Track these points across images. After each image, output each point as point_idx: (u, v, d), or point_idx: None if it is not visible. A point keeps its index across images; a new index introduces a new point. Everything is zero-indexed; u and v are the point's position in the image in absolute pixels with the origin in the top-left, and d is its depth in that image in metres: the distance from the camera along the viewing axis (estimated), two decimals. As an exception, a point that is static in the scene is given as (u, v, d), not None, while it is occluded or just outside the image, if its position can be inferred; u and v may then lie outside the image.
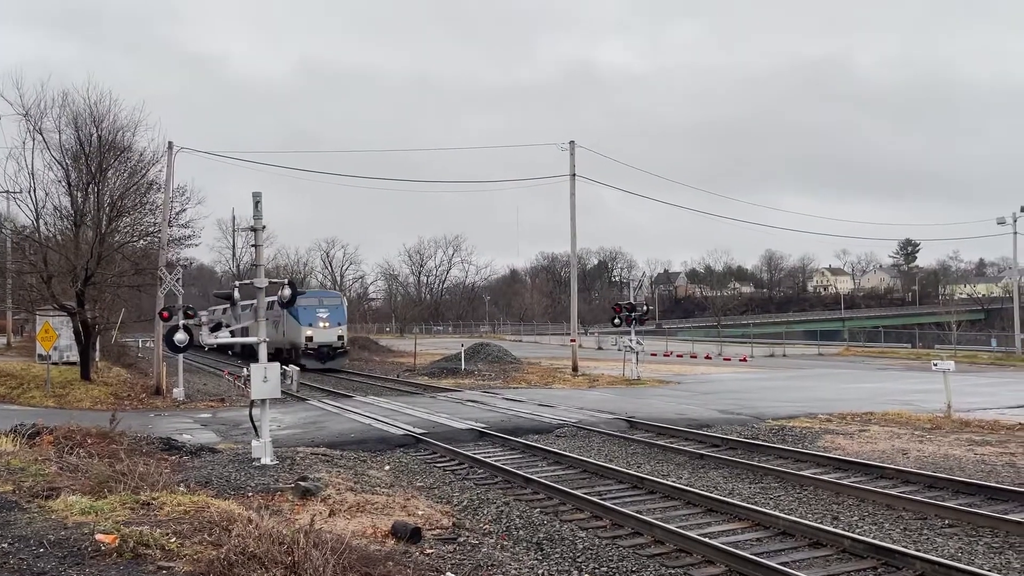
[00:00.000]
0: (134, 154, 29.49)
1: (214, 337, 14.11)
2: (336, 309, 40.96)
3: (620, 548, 9.24)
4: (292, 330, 39.94)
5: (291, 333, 40.10)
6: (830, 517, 10.52)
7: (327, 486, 11.33)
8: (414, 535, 8.97)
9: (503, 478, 13.22)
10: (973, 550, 8.97)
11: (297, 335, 39.54)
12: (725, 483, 12.73)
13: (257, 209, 13.69)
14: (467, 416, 20.31)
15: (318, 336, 39.52)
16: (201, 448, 15.12)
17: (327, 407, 23.29)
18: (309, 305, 39.81)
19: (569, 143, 35.95)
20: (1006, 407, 22.07)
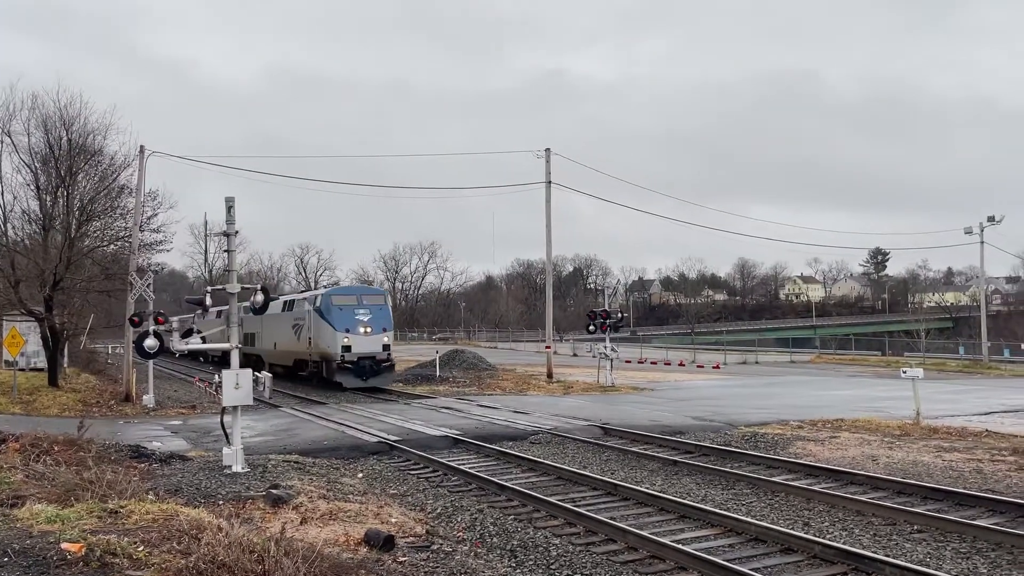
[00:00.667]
0: (105, 158, 29.18)
1: (185, 343, 13.94)
2: (380, 310, 31.94)
3: (594, 555, 9.24)
4: (322, 337, 31.13)
5: (321, 341, 31.29)
6: (801, 523, 10.61)
7: (299, 494, 11.22)
8: (387, 543, 8.92)
9: (477, 485, 13.18)
10: (941, 555, 9.08)
11: (329, 344, 30.62)
12: (698, 489, 12.79)
13: (230, 214, 13.56)
14: (442, 423, 20.23)
15: (358, 345, 30.37)
16: (171, 456, 14.93)
17: (300, 414, 23.10)
18: (345, 304, 31.23)
19: (545, 150, 36.03)
20: (973, 414, 22.41)
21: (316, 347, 31.84)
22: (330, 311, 30.90)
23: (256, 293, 13.90)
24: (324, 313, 31.18)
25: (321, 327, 31.31)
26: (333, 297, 31.88)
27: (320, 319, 31.33)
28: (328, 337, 30.75)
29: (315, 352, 32.06)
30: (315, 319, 31.73)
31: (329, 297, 31.82)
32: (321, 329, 31.28)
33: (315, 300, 32.50)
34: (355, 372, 30.16)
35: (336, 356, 30.20)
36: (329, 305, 31.17)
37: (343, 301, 31.57)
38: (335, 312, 30.83)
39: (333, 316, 30.73)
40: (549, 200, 36.26)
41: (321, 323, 31.33)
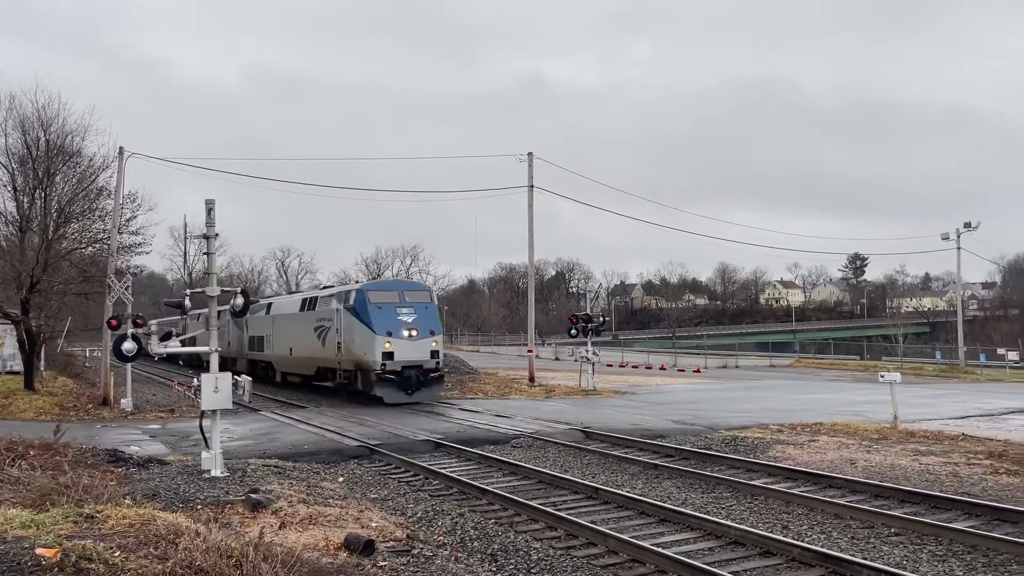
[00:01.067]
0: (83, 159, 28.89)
1: (163, 346, 13.82)
2: (426, 309, 26.87)
3: (575, 559, 9.25)
4: (357, 342, 26.09)
5: (355, 346, 26.19)
6: (780, 526, 10.68)
7: (279, 498, 11.15)
8: (367, 547, 8.88)
9: (459, 489, 13.16)
10: (918, 558, 9.17)
11: (366, 350, 25.55)
12: (679, 493, 12.84)
13: (210, 216, 13.47)
14: (423, 427, 20.18)
15: (403, 351, 25.36)
16: (149, 460, 14.78)
17: (280, 418, 22.95)
18: (385, 303, 26.07)
19: (527, 155, 36.08)
20: (949, 418, 22.66)
21: (348, 353, 26.63)
22: (367, 310, 25.66)
23: (236, 296, 13.81)
24: (359, 312, 25.94)
25: (355, 330, 26.15)
26: (370, 293, 26.42)
27: (354, 320, 26.17)
28: (365, 342, 25.65)
29: (346, 359, 26.86)
30: (347, 320, 26.62)
31: (365, 293, 26.44)
32: (355, 332, 26.16)
33: (346, 297, 27.32)
34: (399, 384, 25.18)
35: (375, 365, 25.15)
36: (365, 303, 25.89)
37: (382, 298, 26.33)
38: (373, 311, 25.57)
39: (371, 316, 25.46)
40: (531, 204, 36.35)
41: (355, 325, 26.14)
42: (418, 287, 31.02)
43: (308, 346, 30.29)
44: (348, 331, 26.58)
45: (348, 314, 26.65)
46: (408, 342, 25.54)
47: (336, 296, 28.54)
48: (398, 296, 26.70)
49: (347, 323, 26.69)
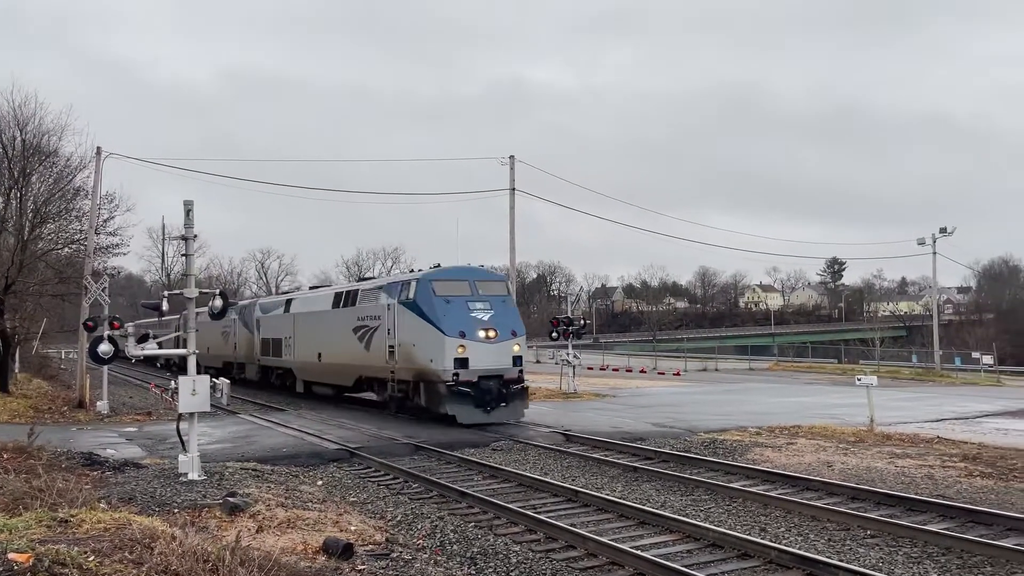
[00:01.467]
0: (60, 159, 28.60)
1: (140, 348, 13.69)
2: (504, 304, 21.91)
3: (554, 562, 9.26)
4: (420, 345, 21.05)
5: (417, 351, 21.15)
6: (758, 528, 10.74)
7: (257, 502, 11.08)
8: (346, 551, 8.84)
9: (438, 492, 13.13)
10: (893, 559, 9.26)
11: (433, 355, 20.48)
12: (658, 495, 12.89)
13: (188, 218, 13.37)
14: (403, 429, 20.12)
15: (479, 357, 20.46)
16: (125, 463, 14.63)
17: (259, 421, 22.80)
18: (455, 296, 21.10)
19: (510, 158, 36.06)
20: (925, 421, 22.91)
21: (406, 360, 21.57)
22: (432, 305, 20.75)
23: (215, 298, 13.70)
24: (422, 308, 20.96)
25: (417, 330, 21.11)
26: (436, 284, 21.30)
27: (414, 318, 21.21)
28: (430, 345, 20.58)
29: (403, 367, 21.74)
30: (403, 318, 21.71)
31: (429, 284, 21.36)
32: (417, 333, 21.16)
33: (402, 289, 22.18)
34: (475, 399, 20.20)
35: (444, 374, 20.12)
36: (430, 296, 20.99)
37: (450, 290, 21.25)
38: (440, 307, 20.66)
39: (439, 313, 20.54)
40: (513, 207, 36.33)
41: (416, 324, 21.13)
42: (492, 276, 23.75)
43: (345, 351, 25.11)
44: (406, 332, 21.58)
45: (405, 310, 21.60)
46: (485, 345, 20.51)
47: (387, 288, 23.54)
48: (469, 287, 21.46)
49: (404, 322, 21.66)
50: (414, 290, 21.64)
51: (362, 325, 24.18)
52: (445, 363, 20.18)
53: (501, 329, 20.98)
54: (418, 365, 21.18)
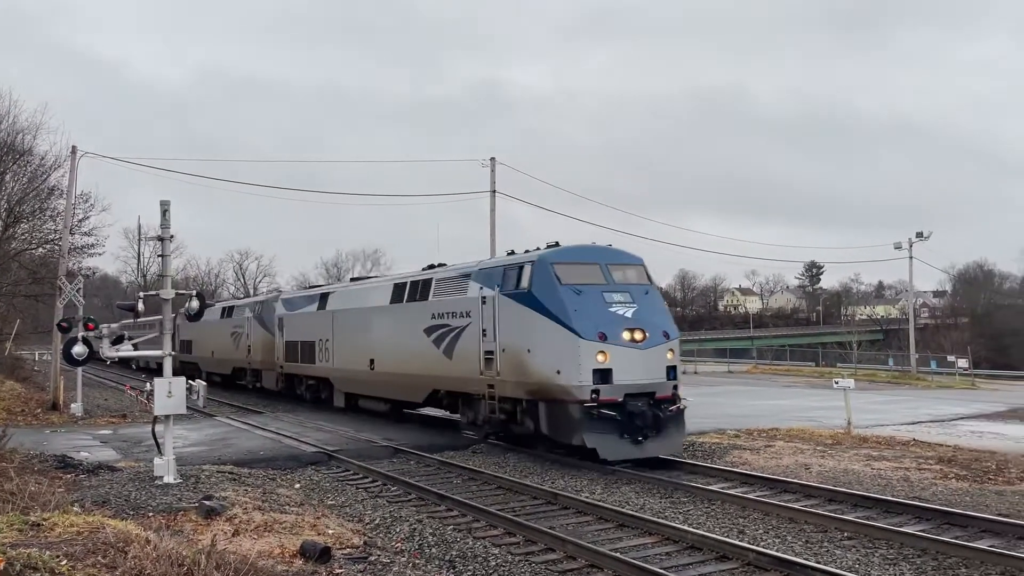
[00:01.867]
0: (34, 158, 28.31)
1: (115, 350, 13.53)
2: (647, 296, 16.58)
3: (533, 564, 9.24)
4: (540, 350, 15.69)
5: (534, 358, 15.82)
6: (736, 531, 10.78)
7: (233, 505, 10.97)
8: (323, 555, 8.78)
9: (417, 495, 13.08)
10: (870, 561, 9.33)
11: (562, 363, 15.25)
12: (637, 498, 12.90)
13: (165, 218, 13.23)
14: (382, 432, 20.02)
15: (625, 367, 15.26)
16: (99, 466, 14.46)
17: (236, 423, 22.61)
18: (585, 284, 15.82)
19: (490, 159, 36.08)
20: (901, 424, 23.15)
21: (516, 370, 15.97)
22: (558, 296, 15.27)
23: (191, 299, 13.57)
24: (542, 300, 15.45)
25: (535, 330, 15.55)
26: (559, 267, 15.80)
27: (531, 313, 15.74)
28: (558, 350, 15.11)
29: (511, 380, 16.18)
30: (511, 313, 16.19)
31: (550, 268, 15.77)
32: (535, 333, 15.64)
33: (507, 275, 16.70)
34: (621, 426, 14.88)
35: (579, 391, 14.74)
36: (552, 283, 15.50)
37: (578, 276, 15.75)
38: (569, 299, 15.22)
39: (567, 307, 15.12)
40: (494, 208, 36.32)
41: (534, 321, 15.54)
42: (628, 258, 17.15)
43: (413, 357, 19.72)
44: (515, 333, 16.00)
45: (514, 304, 16.05)
46: (633, 351, 15.12)
47: (479, 275, 17.67)
48: (601, 273, 15.98)
49: (512, 319, 16.07)
50: (529, 276, 15.91)
51: (440, 325, 18.63)
52: (580, 375, 14.67)
53: (651, 330, 15.52)
54: (535, 378, 15.50)
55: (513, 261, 17.19)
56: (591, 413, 14.72)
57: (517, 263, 16.83)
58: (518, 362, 16.14)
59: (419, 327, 19.50)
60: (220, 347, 34.49)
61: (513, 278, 16.64)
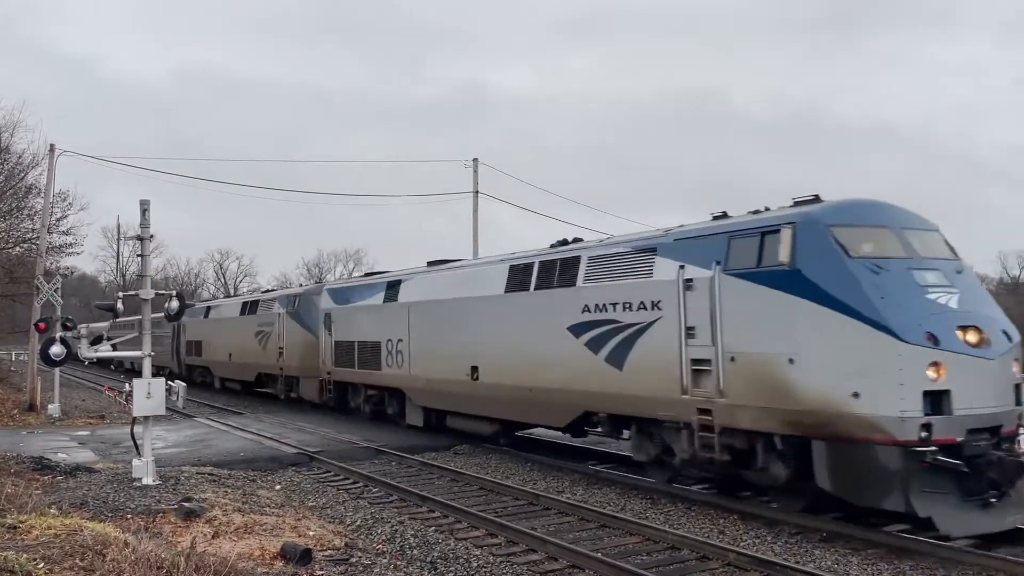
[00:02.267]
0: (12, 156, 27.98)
1: (94, 351, 13.41)
2: (965, 277, 10.96)
3: (515, 565, 9.25)
4: (818, 359, 10.18)
5: (805, 371, 10.26)
6: (717, 531, 10.84)
7: (213, 507, 10.90)
8: (304, 557, 8.75)
9: (399, 496, 13.05)
10: (848, 561, 9.40)
11: (865, 382, 9.69)
12: (618, 499, 12.94)
13: (144, 217, 13.13)
14: (363, 433, 19.96)
15: (964, 387, 9.60)
16: (77, 468, 14.32)
17: (216, 424, 22.46)
18: (884, 258, 10.30)
19: (473, 160, 36.09)
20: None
21: (763, 389, 10.86)
22: (846, 273, 10.15)
23: (171, 299, 13.47)
24: (816, 280, 10.30)
25: (808, 325, 10.35)
26: (840, 231, 10.58)
27: (795, 300, 10.62)
28: (853, 358, 9.94)
29: (756, 405, 10.99)
30: (750, 300, 11.22)
31: (825, 231, 10.60)
32: (806, 332, 10.50)
33: (743, 243, 11.50)
34: (964, 481, 9.71)
35: (901, 424, 9.48)
36: (835, 254, 10.35)
37: (871, 246, 10.63)
38: (867, 278, 10.07)
39: (866, 290, 10.00)
40: (476, 209, 36.33)
41: (807, 312, 10.33)
42: (923, 221, 11.80)
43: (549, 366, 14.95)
44: (762, 332, 10.97)
45: (760, 289, 11.03)
46: (977, 362, 9.97)
47: (679, 247, 12.57)
48: (898, 242, 10.89)
49: (754, 311, 11.10)
50: (790, 245, 10.88)
51: (599, 321, 13.65)
52: (902, 401, 9.58)
53: (988, 328, 10.28)
54: (807, 404, 10.35)
55: (747, 225, 11.74)
56: (919, 462, 9.54)
57: (759, 227, 11.44)
58: (766, 377, 10.87)
59: (560, 324, 14.55)
60: (240, 349, 29.91)
61: (752, 249, 11.39)
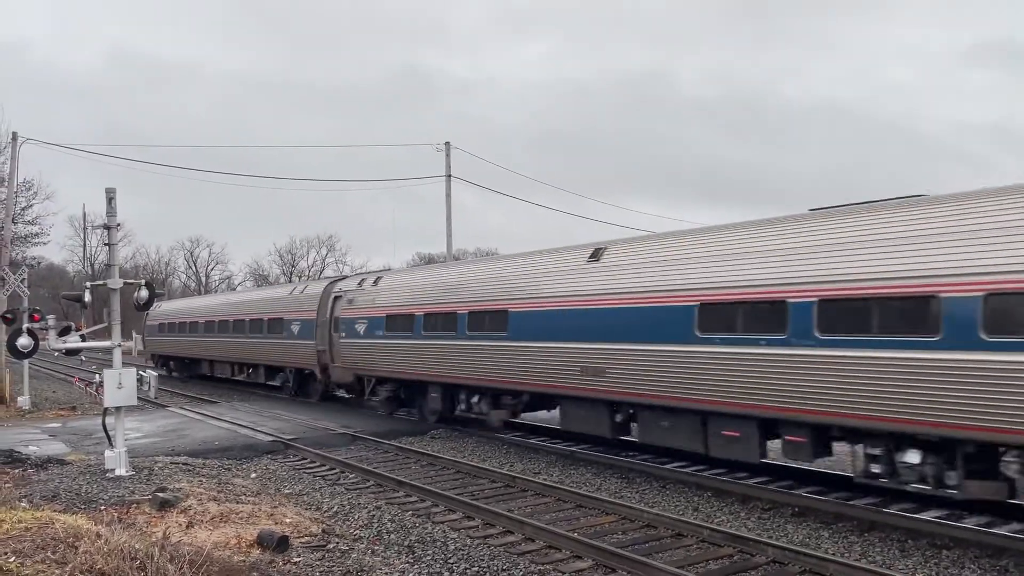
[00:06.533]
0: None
1: (63, 342, 13.22)
2: None
3: (492, 547, 9.30)
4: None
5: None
6: (692, 508, 10.97)
7: (188, 496, 10.83)
8: (281, 544, 8.73)
9: (375, 482, 13.05)
10: (820, 536, 9.57)
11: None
12: (594, 479, 13.04)
13: (111, 206, 12.93)
14: (339, 419, 19.90)
15: None
16: (48, 460, 14.13)
17: (190, 414, 22.26)
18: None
19: (445, 144, 35.95)
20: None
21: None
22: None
23: (140, 289, 13.28)
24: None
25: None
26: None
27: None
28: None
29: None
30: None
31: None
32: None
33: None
34: None
35: None
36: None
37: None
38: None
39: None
40: (449, 193, 36.21)
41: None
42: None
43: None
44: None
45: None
46: None
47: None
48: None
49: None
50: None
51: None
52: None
53: None
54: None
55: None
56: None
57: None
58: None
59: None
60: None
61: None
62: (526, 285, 15.21)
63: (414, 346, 18.24)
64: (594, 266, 13.87)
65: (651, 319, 12.28)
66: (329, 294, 22.80)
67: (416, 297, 18.73)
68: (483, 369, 16.00)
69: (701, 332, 11.49)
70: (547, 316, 14.36)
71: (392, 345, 19.14)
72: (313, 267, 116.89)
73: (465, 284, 17.26)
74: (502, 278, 16.19)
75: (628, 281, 12.96)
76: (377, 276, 21.62)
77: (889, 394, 9.16)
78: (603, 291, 13.32)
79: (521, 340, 14.90)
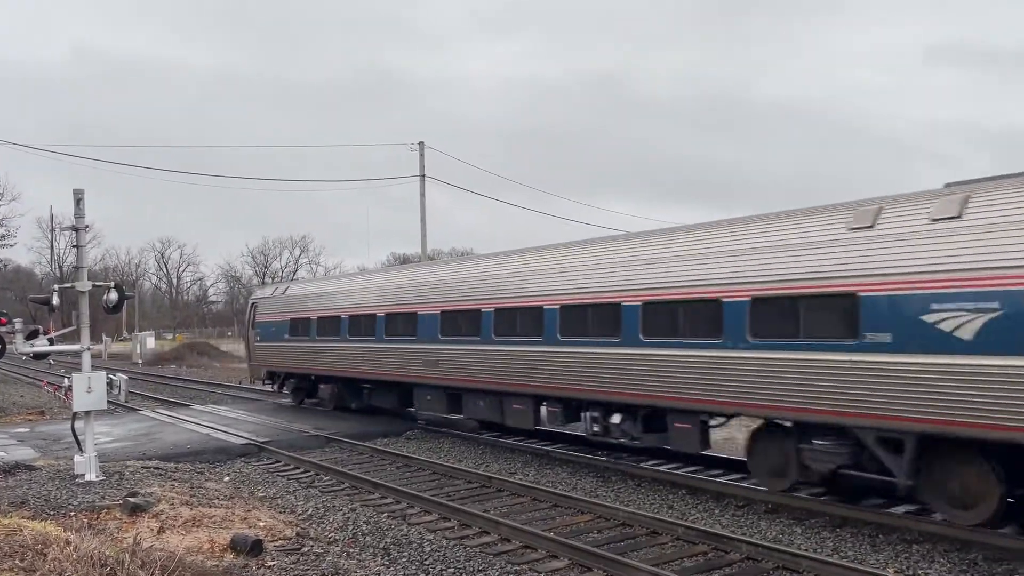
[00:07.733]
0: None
1: (30, 345, 13.00)
2: None
3: (468, 548, 9.29)
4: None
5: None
6: (666, 507, 11.04)
7: (160, 501, 10.70)
8: (255, 547, 8.66)
9: (350, 484, 12.98)
10: (792, 531, 9.68)
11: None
12: (570, 478, 13.08)
13: (79, 207, 12.73)
14: (313, 421, 19.78)
15: None
16: (16, 466, 13.90)
17: (161, 417, 21.99)
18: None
19: (419, 143, 35.92)
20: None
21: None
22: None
23: (109, 291, 13.10)
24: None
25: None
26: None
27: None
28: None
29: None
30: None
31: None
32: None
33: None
34: None
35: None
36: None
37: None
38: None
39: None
40: (424, 193, 36.14)
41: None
42: None
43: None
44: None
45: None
46: None
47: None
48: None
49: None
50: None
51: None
52: None
53: None
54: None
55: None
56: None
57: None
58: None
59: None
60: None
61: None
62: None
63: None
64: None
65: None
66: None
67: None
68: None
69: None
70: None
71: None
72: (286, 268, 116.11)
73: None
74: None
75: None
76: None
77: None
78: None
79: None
